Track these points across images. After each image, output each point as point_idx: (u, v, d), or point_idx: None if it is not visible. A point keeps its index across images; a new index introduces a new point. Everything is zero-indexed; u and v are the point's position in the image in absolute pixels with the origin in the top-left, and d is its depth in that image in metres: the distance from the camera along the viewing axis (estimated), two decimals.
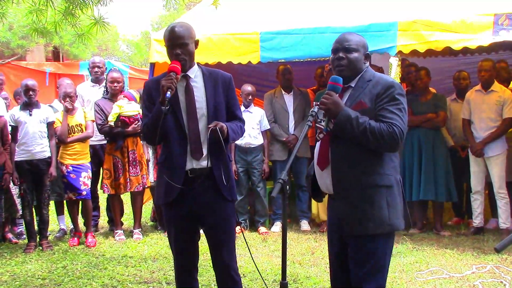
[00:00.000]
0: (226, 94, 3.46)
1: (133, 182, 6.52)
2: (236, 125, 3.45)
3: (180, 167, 3.33)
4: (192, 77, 3.40)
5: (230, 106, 3.48)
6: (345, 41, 3.01)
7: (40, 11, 4.78)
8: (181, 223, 3.41)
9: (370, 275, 2.93)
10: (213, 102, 3.37)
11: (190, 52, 3.35)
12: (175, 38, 3.30)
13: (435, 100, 6.63)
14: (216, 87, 3.42)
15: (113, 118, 6.39)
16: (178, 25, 3.37)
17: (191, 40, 3.36)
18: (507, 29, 5.47)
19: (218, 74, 3.49)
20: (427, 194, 6.49)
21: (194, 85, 3.39)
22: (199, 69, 3.48)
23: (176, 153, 3.34)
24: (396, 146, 2.89)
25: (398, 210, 2.94)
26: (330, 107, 2.87)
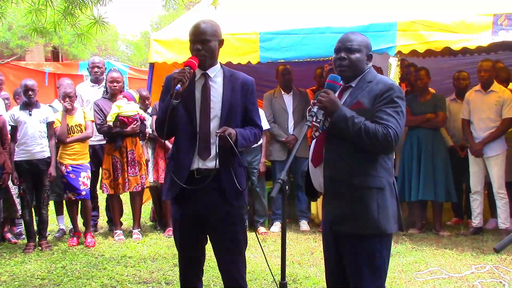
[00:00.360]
0: (245, 97, 3.40)
1: (131, 182, 6.52)
2: (250, 132, 3.38)
3: (185, 165, 3.30)
4: (211, 76, 3.37)
5: (247, 111, 3.43)
6: (347, 41, 3.00)
7: (40, 11, 4.77)
8: (186, 224, 3.38)
9: (367, 276, 2.92)
10: (228, 104, 3.33)
11: (212, 50, 3.31)
12: (197, 33, 3.29)
13: (434, 100, 6.64)
14: (234, 90, 3.37)
15: (112, 118, 6.38)
16: (203, 21, 3.35)
17: (214, 38, 3.32)
18: (507, 29, 5.47)
19: (239, 77, 3.44)
20: (427, 194, 6.49)
21: (212, 85, 3.36)
22: (221, 69, 3.43)
23: (184, 151, 3.33)
24: (390, 149, 2.89)
25: (388, 213, 2.91)
26: (327, 105, 2.87)
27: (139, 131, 6.56)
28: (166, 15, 32.14)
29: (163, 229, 6.86)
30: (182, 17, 8.70)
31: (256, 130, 3.45)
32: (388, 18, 6.06)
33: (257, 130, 3.46)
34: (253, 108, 3.46)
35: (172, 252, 5.85)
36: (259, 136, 3.51)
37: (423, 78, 6.66)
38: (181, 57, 7.00)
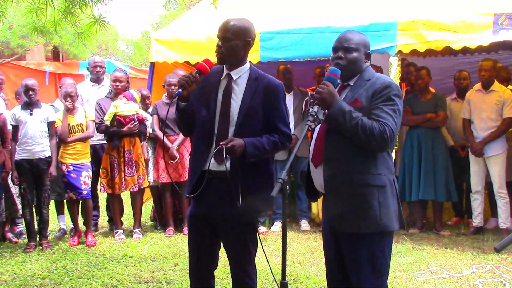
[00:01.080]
0: (268, 102, 3.27)
1: (128, 182, 6.51)
2: (267, 140, 3.24)
3: (198, 165, 3.27)
4: (234, 78, 3.30)
5: (270, 116, 3.29)
6: (345, 41, 2.99)
7: (40, 10, 4.77)
8: (196, 223, 3.37)
9: (368, 275, 2.91)
10: (245, 110, 3.23)
11: (232, 49, 3.24)
12: (221, 29, 3.27)
13: (435, 100, 6.64)
14: (256, 94, 3.26)
15: (109, 117, 6.39)
16: (233, 19, 3.33)
17: (238, 37, 3.26)
18: (507, 29, 5.47)
19: (264, 80, 3.32)
20: (427, 193, 6.49)
21: (234, 87, 3.29)
22: (248, 71, 3.35)
23: (199, 151, 3.31)
24: (385, 146, 2.87)
25: (390, 211, 2.91)
26: (325, 96, 2.85)
27: (138, 131, 6.55)
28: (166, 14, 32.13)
29: (164, 229, 6.86)
30: (182, 17, 8.70)
31: (277, 137, 3.28)
32: (389, 17, 6.06)
33: (278, 137, 3.29)
34: (278, 113, 3.30)
35: (173, 251, 5.86)
36: (283, 143, 3.32)
37: (424, 77, 6.66)
38: (182, 56, 7.01)
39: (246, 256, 3.40)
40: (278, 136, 3.30)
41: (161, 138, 6.60)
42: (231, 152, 3.12)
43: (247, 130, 3.23)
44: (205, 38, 6.62)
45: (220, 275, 4.87)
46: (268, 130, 3.30)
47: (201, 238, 3.39)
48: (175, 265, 5.34)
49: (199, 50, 6.78)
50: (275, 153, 3.43)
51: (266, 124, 3.30)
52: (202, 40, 6.72)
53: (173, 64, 7.24)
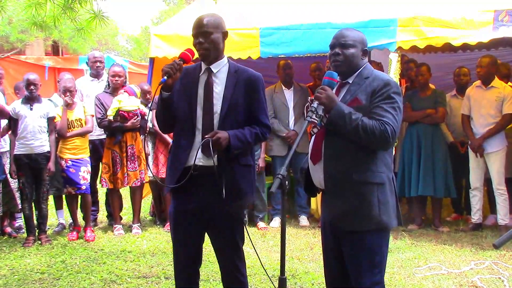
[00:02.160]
0: (248, 94, 3.30)
1: (131, 177, 6.52)
2: (249, 132, 3.28)
3: (181, 161, 3.26)
4: (215, 71, 3.31)
5: (251, 108, 3.32)
6: (341, 37, 2.99)
7: (39, 5, 4.76)
8: (181, 219, 3.33)
9: (367, 271, 2.92)
10: (228, 102, 3.25)
11: (214, 42, 3.24)
12: (198, 26, 3.24)
13: (434, 96, 6.63)
14: (237, 86, 3.28)
15: (112, 112, 6.38)
16: (205, 15, 3.30)
17: (217, 30, 3.25)
18: (507, 25, 5.47)
19: (244, 73, 3.34)
20: (426, 189, 6.50)
21: (215, 81, 3.30)
22: (227, 64, 3.36)
23: (182, 146, 3.28)
24: (387, 145, 2.88)
25: (389, 208, 2.91)
26: (324, 101, 2.86)
27: (140, 126, 6.56)
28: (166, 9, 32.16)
29: (163, 224, 6.87)
30: (182, 12, 8.69)
31: (259, 129, 3.32)
32: (389, 13, 6.05)
33: (260, 129, 3.33)
34: (259, 105, 3.34)
35: (172, 247, 5.85)
36: (264, 135, 3.37)
37: (425, 74, 6.65)
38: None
39: (235, 250, 3.41)
40: (259, 128, 3.34)
41: (161, 133, 6.60)
42: (217, 144, 3.13)
43: (231, 122, 3.25)
44: None
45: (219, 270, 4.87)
46: (249, 122, 3.33)
47: (188, 235, 3.36)
48: None
49: None
50: (256, 144, 3.47)
51: (247, 116, 3.32)
52: None
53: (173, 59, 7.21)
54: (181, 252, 3.41)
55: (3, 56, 12.77)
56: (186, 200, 3.29)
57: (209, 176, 3.19)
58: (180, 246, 3.41)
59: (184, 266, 3.44)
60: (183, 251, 3.40)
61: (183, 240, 3.38)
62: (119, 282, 4.80)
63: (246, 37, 6.49)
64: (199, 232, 3.41)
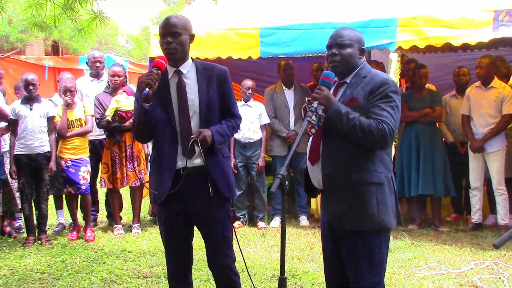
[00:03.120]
0: (221, 89, 3.33)
1: (130, 177, 6.53)
2: (227, 126, 3.33)
3: (169, 167, 3.24)
4: (184, 72, 3.29)
5: (225, 102, 3.36)
6: (338, 37, 2.99)
7: (40, 5, 4.76)
8: (173, 222, 3.34)
9: (366, 272, 2.92)
10: (206, 99, 3.26)
11: (183, 43, 3.24)
12: (167, 26, 3.24)
13: (430, 96, 6.66)
14: (210, 83, 3.30)
15: (111, 112, 6.39)
16: (174, 15, 3.32)
17: (185, 31, 3.26)
18: (507, 25, 5.47)
19: (213, 68, 3.36)
20: (426, 188, 6.50)
21: (187, 82, 3.28)
22: (193, 64, 3.36)
23: (166, 153, 3.26)
24: (385, 144, 2.87)
25: (388, 208, 2.91)
26: (321, 101, 2.85)
27: None
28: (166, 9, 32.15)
29: None
30: (182, 12, 8.68)
31: (234, 121, 3.39)
32: (389, 13, 6.05)
33: (234, 121, 3.40)
34: (230, 98, 3.39)
35: None
36: (238, 126, 3.44)
37: (425, 76, 6.67)
38: None
39: (226, 249, 3.40)
40: (234, 120, 3.40)
41: None
42: (204, 142, 3.15)
43: (211, 118, 3.28)
44: (204, 34, 6.60)
45: None
46: (224, 115, 3.37)
47: (180, 237, 3.38)
48: None
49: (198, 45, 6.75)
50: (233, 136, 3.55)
51: (221, 110, 3.36)
52: (202, 35, 6.70)
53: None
54: (172, 252, 3.43)
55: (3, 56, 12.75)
56: (174, 202, 3.27)
57: (197, 175, 3.22)
58: (172, 247, 3.42)
59: (176, 266, 3.45)
60: (174, 251, 3.42)
61: (175, 242, 3.39)
62: (119, 282, 4.81)
63: (246, 37, 6.48)
64: (189, 231, 3.44)
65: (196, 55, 6.98)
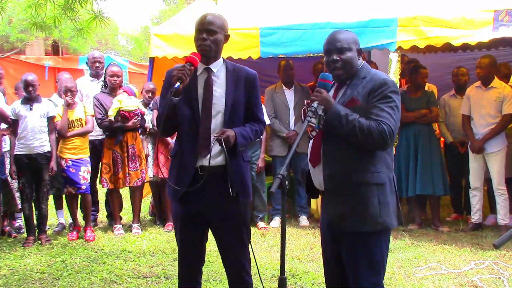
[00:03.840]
0: (248, 92, 3.33)
1: (132, 177, 6.53)
2: (250, 129, 3.32)
3: (189, 164, 3.24)
4: (214, 71, 3.30)
5: (250, 106, 3.36)
6: (336, 42, 2.97)
7: (39, 5, 4.76)
8: (188, 221, 3.33)
9: (366, 272, 2.91)
10: (231, 100, 3.26)
11: (217, 42, 3.25)
12: (205, 23, 3.23)
13: (426, 96, 6.69)
14: (237, 85, 3.30)
15: (114, 112, 6.39)
16: (212, 13, 3.31)
17: (221, 31, 3.27)
18: (507, 25, 5.47)
19: (242, 71, 3.37)
20: (425, 189, 6.50)
21: (215, 80, 3.29)
22: (223, 63, 3.37)
23: (186, 149, 3.27)
24: (385, 145, 2.86)
25: (389, 208, 2.90)
26: (320, 103, 2.86)
27: (140, 125, 6.57)
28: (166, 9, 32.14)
29: (163, 224, 6.87)
30: (182, 12, 8.69)
31: (257, 126, 3.39)
32: (389, 13, 6.05)
33: (258, 126, 3.39)
34: (256, 102, 3.39)
35: (172, 246, 5.86)
36: (261, 131, 3.45)
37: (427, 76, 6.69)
38: (181, 51, 6.99)
39: (242, 250, 3.40)
40: (258, 125, 3.40)
41: None
42: (227, 142, 3.14)
43: (235, 121, 3.27)
44: None
45: (218, 270, 4.88)
46: (248, 119, 3.36)
47: (195, 237, 3.38)
48: (174, 260, 5.35)
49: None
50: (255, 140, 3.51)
51: (246, 113, 3.35)
52: None
53: (173, 59, 7.23)
54: (186, 253, 3.42)
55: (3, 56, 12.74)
56: (192, 201, 3.27)
57: (215, 175, 3.20)
58: (186, 247, 3.41)
59: (189, 266, 3.44)
60: (189, 252, 3.41)
61: (189, 241, 3.38)
62: (119, 282, 4.80)
63: (246, 37, 6.49)
64: (204, 233, 3.42)
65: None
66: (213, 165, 3.21)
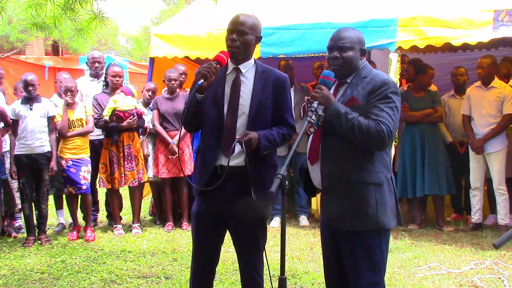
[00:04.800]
0: (277, 95, 3.29)
1: (128, 177, 6.51)
2: (277, 132, 3.27)
3: (210, 162, 3.24)
4: (243, 71, 3.28)
5: (279, 109, 3.31)
6: (339, 40, 2.97)
7: (39, 5, 4.75)
8: (206, 219, 3.31)
9: (365, 272, 2.92)
10: (257, 102, 3.23)
11: (247, 43, 3.22)
12: (236, 23, 3.21)
13: (430, 96, 6.70)
14: (265, 87, 3.27)
15: (108, 112, 6.39)
16: (244, 14, 3.29)
17: (252, 32, 3.24)
18: (507, 25, 5.48)
19: (272, 73, 3.33)
20: (432, 189, 6.49)
21: (243, 80, 3.27)
22: (254, 65, 3.33)
23: (209, 146, 3.26)
24: (383, 145, 2.86)
25: (387, 208, 2.90)
26: (320, 101, 2.85)
27: (137, 125, 6.55)
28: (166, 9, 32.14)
29: (163, 224, 6.87)
30: (182, 12, 8.70)
31: (286, 130, 3.33)
32: (389, 13, 6.05)
33: (287, 129, 3.33)
34: (285, 106, 3.34)
35: (172, 246, 5.87)
36: (290, 136, 3.37)
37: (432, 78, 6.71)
38: (181, 51, 7.00)
39: (256, 251, 3.38)
40: (286, 129, 3.34)
41: (161, 133, 6.61)
42: (249, 145, 3.12)
43: (259, 122, 3.24)
44: (204, 33, 6.61)
45: (219, 270, 4.88)
46: (276, 122, 3.32)
47: (211, 235, 3.36)
48: (174, 260, 5.35)
49: (199, 45, 6.78)
50: (283, 145, 3.44)
51: (274, 116, 3.31)
52: (202, 35, 6.72)
53: (173, 59, 7.24)
54: (201, 251, 3.40)
55: (3, 56, 12.75)
56: (211, 199, 3.26)
57: (235, 176, 3.19)
58: (201, 245, 3.39)
59: (203, 265, 3.43)
60: (204, 250, 3.39)
61: (205, 239, 3.37)
62: (119, 282, 4.80)
63: None
64: (221, 232, 3.41)
65: (196, 55, 7.00)
66: (233, 166, 3.19)
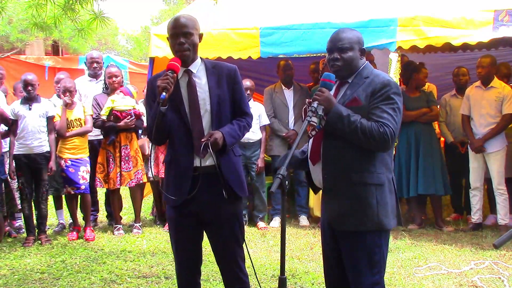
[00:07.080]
0: (232, 87, 3.29)
1: (124, 178, 6.50)
2: (237, 126, 3.28)
3: (187, 167, 3.21)
4: (194, 72, 3.27)
5: (236, 101, 3.32)
6: (338, 41, 2.97)
7: (40, 5, 4.76)
8: (184, 223, 3.29)
9: (365, 272, 2.92)
10: (216, 98, 3.23)
11: (194, 44, 3.21)
12: (179, 26, 3.17)
13: (425, 96, 6.72)
14: (220, 82, 3.27)
15: (105, 112, 6.39)
16: (183, 15, 3.26)
17: (196, 31, 3.23)
18: (507, 25, 5.47)
19: (222, 67, 3.32)
20: (427, 189, 6.49)
21: (197, 81, 3.26)
22: (202, 63, 3.33)
23: (182, 153, 3.23)
24: (387, 146, 2.86)
25: (388, 209, 2.91)
26: (322, 103, 2.85)
27: (135, 126, 6.55)
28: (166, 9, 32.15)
29: (163, 224, 6.87)
30: (182, 12, 8.68)
31: (244, 121, 3.35)
32: (389, 13, 6.05)
33: (245, 120, 3.35)
34: (240, 97, 3.35)
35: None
36: (249, 125, 3.40)
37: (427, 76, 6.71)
38: None
39: (237, 248, 3.37)
40: (245, 119, 3.36)
41: None
42: (215, 145, 3.12)
43: (222, 118, 3.25)
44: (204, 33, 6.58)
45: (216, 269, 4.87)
46: (235, 114, 3.34)
47: (190, 238, 3.34)
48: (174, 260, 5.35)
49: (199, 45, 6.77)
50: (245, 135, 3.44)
51: (233, 108, 3.33)
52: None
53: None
54: (182, 254, 3.38)
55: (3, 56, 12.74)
56: (187, 203, 3.23)
57: (208, 176, 3.19)
58: (181, 248, 3.37)
59: (186, 267, 3.41)
60: (184, 252, 3.38)
61: (184, 241, 3.35)
62: (119, 282, 4.80)
63: (246, 37, 6.48)
64: (199, 232, 3.39)
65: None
66: (206, 166, 3.20)
